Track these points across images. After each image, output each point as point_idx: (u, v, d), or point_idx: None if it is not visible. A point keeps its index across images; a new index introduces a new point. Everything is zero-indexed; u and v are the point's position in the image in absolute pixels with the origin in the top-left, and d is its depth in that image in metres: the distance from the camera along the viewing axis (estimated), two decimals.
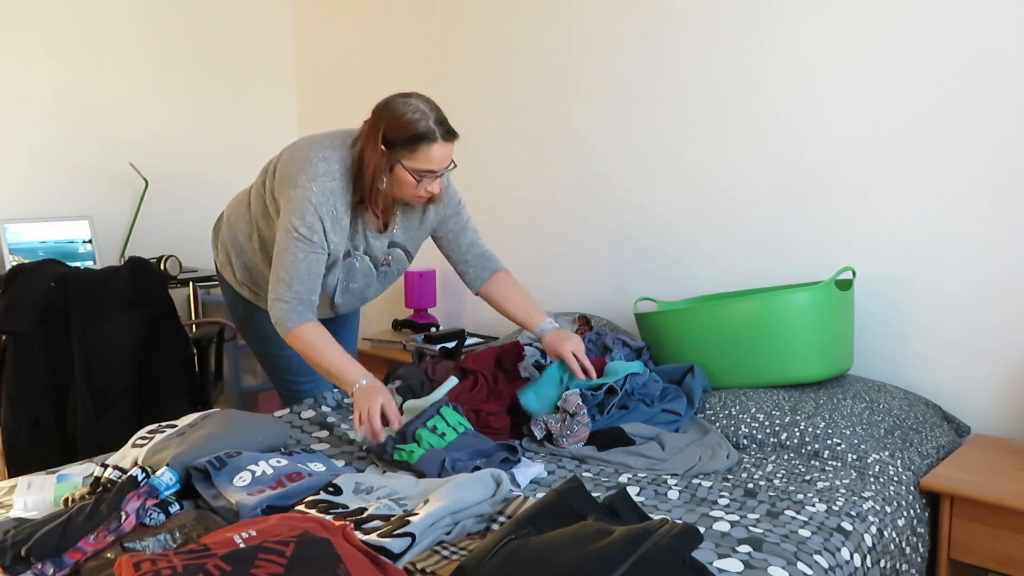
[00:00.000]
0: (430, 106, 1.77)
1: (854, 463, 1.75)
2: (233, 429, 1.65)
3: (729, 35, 2.42)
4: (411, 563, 1.22)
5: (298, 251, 1.79)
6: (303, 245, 1.79)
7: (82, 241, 3.04)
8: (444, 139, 1.76)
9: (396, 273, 2.08)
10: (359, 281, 1.98)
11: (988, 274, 2.03)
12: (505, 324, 3.14)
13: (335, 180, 1.80)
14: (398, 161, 1.75)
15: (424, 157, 1.74)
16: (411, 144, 1.73)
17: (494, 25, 3.04)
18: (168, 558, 1.02)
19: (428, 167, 1.76)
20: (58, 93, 3.10)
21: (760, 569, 1.25)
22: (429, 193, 1.82)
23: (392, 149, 1.75)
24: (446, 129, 1.77)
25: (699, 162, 2.54)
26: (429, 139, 1.73)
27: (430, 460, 1.63)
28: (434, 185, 1.81)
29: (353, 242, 1.90)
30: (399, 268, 2.06)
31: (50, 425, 2.25)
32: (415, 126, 1.73)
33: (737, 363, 2.06)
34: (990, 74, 1.98)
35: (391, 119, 1.75)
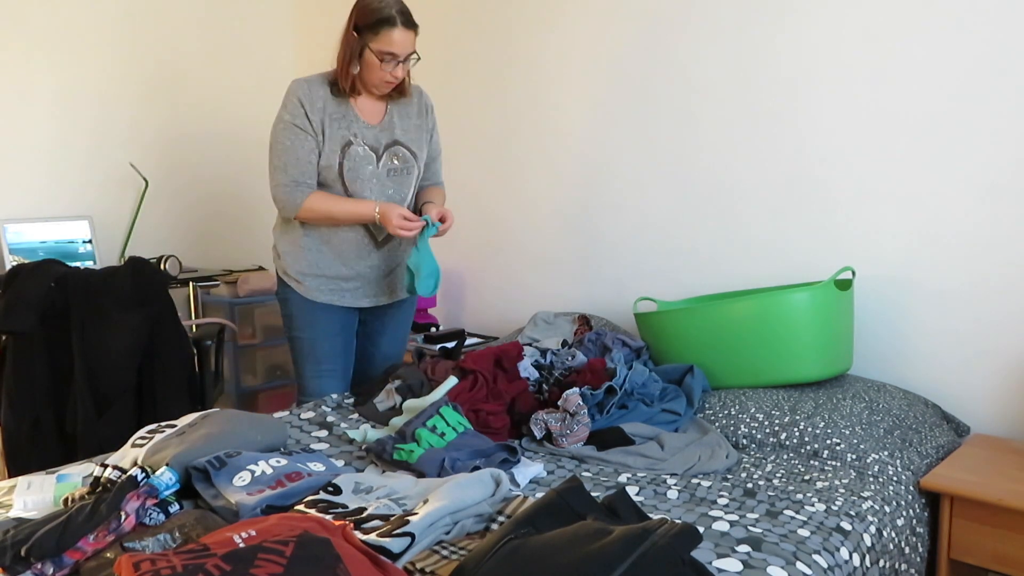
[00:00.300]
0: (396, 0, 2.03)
1: (853, 463, 1.75)
2: (233, 429, 1.65)
3: (730, 37, 2.42)
4: (411, 563, 1.22)
5: (285, 138, 2.08)
6: (289, 132, 2.07)
7: (82, 241, 3.04)
8: (404, 25, 2.01)
9: (404, 172, 2.21)
10: (366, 171, 2.14)
11: (987, 274, 2.03)
12: (505, 324, 3.15)
13: (320, 77, 2.12)
14: (365, 45, 2.02)
15: (386, 40, 2.00)
16: (375, 27, 2.00)
17: (492, 25, 3.04)
18: (168, 558, 1.02)
19: (390, 49, 2.02)
20: (58, 93, 3.10)
21: (759, 569, 1.25)
22: (394, 77, 2.07)
23: (361, 35, 2.03)
24: (406, 17, 2.02)
25: (699, 162, 2.54)
26: (391, 23, 1.99)
27: (429, 460, 1.63)
28: (398, 70, 2.06)
29: (350, 130, 2.12)
30: (407, 167, 2.21)
31: (50, 425, 2.25)
32: (379, 12, 2.00)
33: (737, 363, 2.06)
34: (990, 75, 1.98)
35: (361, 8, 2.03)
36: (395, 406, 2.08)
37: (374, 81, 2.08)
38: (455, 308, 3.36)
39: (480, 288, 3.24)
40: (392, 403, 2.09)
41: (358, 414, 2.09)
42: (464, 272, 3.30)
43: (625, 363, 2.08)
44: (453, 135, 3.25)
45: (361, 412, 2.09)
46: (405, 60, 2.06)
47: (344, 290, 2.23)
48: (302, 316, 2.23)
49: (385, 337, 2.39)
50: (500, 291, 3.18)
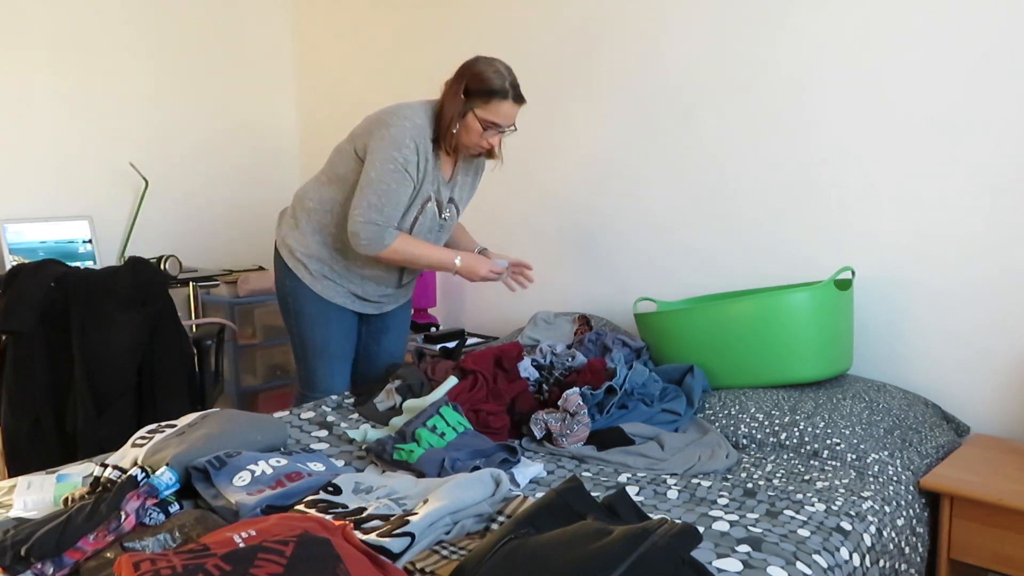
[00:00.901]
0: (508, 71, 2.06)
1: (853, 463, 1.75)
2: (233, 429, 1.65)
3: (730, 37, 2.42)
4: (410, 563, 1.22)
5: (392, 180, 2.02)
6: (398, 176, 2.03)
7: (82, 241, 3.04)
8: (515, 100, 2.05)
9: (449, 227, 2.29)
10: (427, 225, 2.18)
11: (987, 274, 2.03)
12: (505, 324, 3.15)
13: (422, 119, 2.07)
14: (471, 109, 2.04)
15: (495, 110, 2.04)
16: (486, 96, 2.02)
17: (496, 23, 3.04)
18: (168, 558, 1.02)
19: (495, 120, 2.05)
20: (58, 93, 3.10)
21: (759, 569, 1.25)
22: (490, 145, 2.11)
23: (469, 98, 2.03)
24: (517, 92, 2.06)
25: (699, 162, 2.54)
26: (502, 95, 2.02)
27: (429, 460, 1.63)
28: (495, 139, 2.10)
29: (433, 185, 2.14)
30: (451, 222, 2.29)
31: (50, 425, 2.25)
32: (493, 82, 2.02)
33: (736, 363, 2.06)
34: (990, 75, 1.98)
35: (475, 73, 2.03)
36: (395, 406, 2.08)
37: (468, 144, 2.10)
38: (455, 308, 3.36)
39: (480, 288, 3.24)
40: (392, 403, 2.09)
41: (358, 414, 2.09)
42: None
43: (625, 363, 2.08)
44: None
45: (361, 412, 2.09)
46: (504, 131, 2.10)
47: (355, 300, 2.27)
48: (316, 314, 2.23)
49: (389, 336, 2.42)
50: (500, 291, 3.18)
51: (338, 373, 2.30)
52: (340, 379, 2.31)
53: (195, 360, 2.58)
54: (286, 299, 2.28)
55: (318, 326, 2.24)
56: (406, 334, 2.51)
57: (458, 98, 2.03)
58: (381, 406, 2.09)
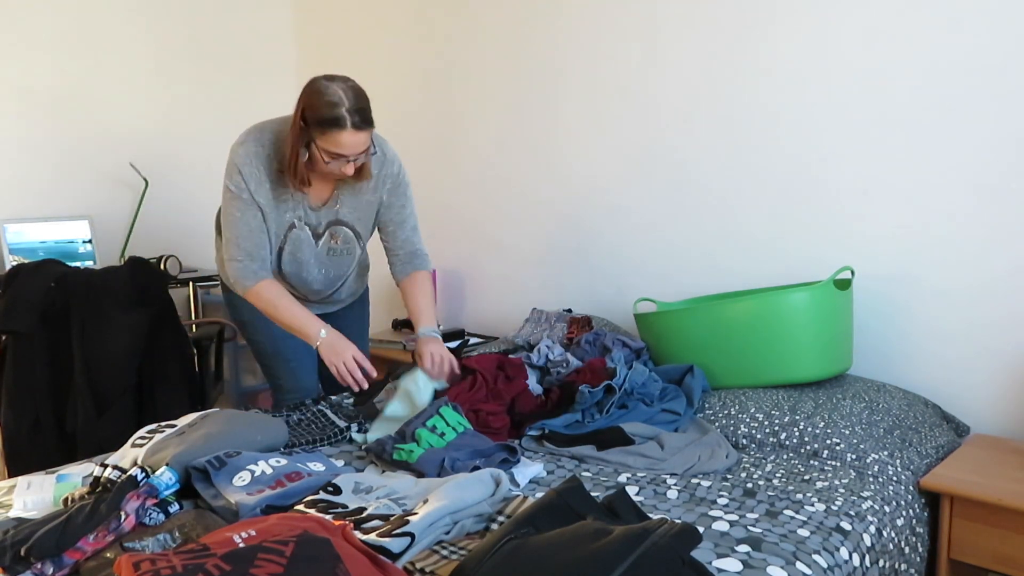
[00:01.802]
0: (351, 93, 1.80)
1: (853, 463, 1.75)
2: (232, 429, 1.65)
3: (728, 37, 2.42)
4: (410, 563, 1.22)
5: (235, 209, 1.93)
6: (237, 203, 1.92)
7: (82, 241, 3.04)
8: (355, 127, 1.79)
9: (346, 253, 2.11)
10: (305, 253, 2.04)
11: (987, 273, 2.03)
12: (505, 324, 3.15)
13: (261, 147, 1.91)
14: (312, 140, 1.82)
15: (334, 141, 1.79)
16: (323, 127, 1.78)
17: (495, 26, 3.04)
18: (168, 558, 1.02)
19: (337, 151, 1.81)
20: (58, 92, 3.10)
21: (759, 569, 1.25)
22: (342, 174, 1.88)
23: (309, 127, 1.81)
24: (361, 118, 1.80)
25: (698, 162, 2.54)
26: (339, 125, 1.77)
27: (429, 460, 1.63)
28: (347, 167, 1.85)
29: (295, 212, 1.98)
30: (348, 248, 2.10)
31: (50, 425, 2.25)
32: (328, 111, 1.77)
33: (736, 363, 2.06)
34: (990, 74, 1.98)
35: (310, 99, 1.80)
36: None
37: (322, 172, 1.90)
38: (455, 308, 3.36)
39: (480, 288, 3.24)
40: None
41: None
42: (464, 272, 3.30)
43: (625, 363, 2.08)
44: (453, 136, 3.25)
45: (361, 412, 2.09)
46: (356, 159, 1.86)
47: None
48: (256, 319, 2.12)
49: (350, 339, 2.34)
50: (500, 291, 3.18)
51: (300, 372, 2.20)
52: (305, 377, 2.21)
53: (195, 360, 2.59)
54: (232, 313, 2.22)
55: (260, 330, 2.15)
56: (366, 332, 2.42)
57: (297, 126, 1.82)
58: (381, 406, 2.09)
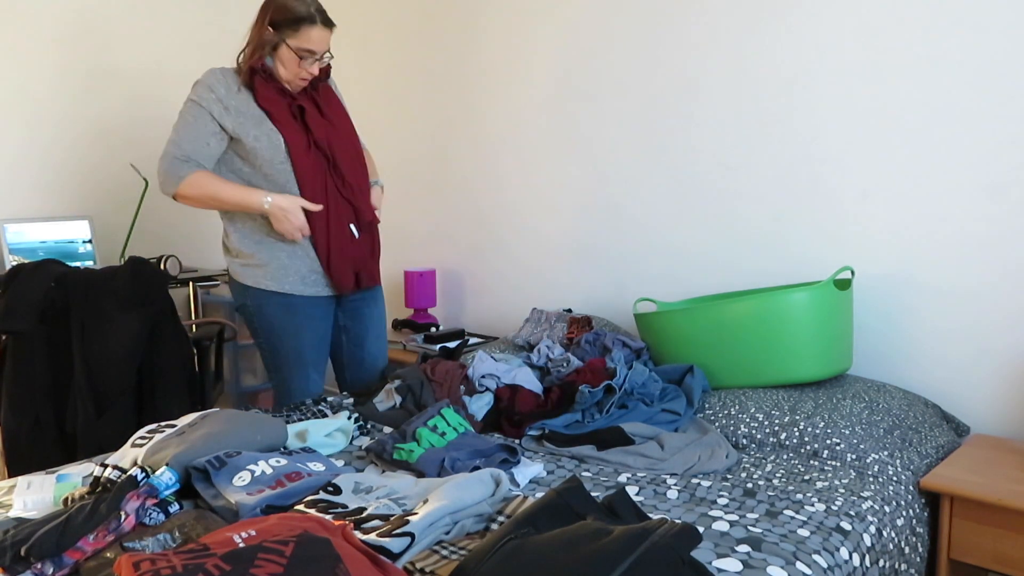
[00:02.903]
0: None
1: (853, 463, 1.75)
2: (232, 429, 1.65)
3: (729, 36, 2.42)
4: (410, 563, 1.22)
5: (188, 114, 2.07)
6: (193, 108, 2.06)
7: (82, 241, 3.04)
8: (323, 24, 2.04)
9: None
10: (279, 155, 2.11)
11: (987, 273, 2.03)
12: (505, 324, 3.15)
13: (227, 71, 2.10)
14: (283, 40, 2.03)
15: (305, 37, 2.02)
16: (295, 25, 2.01)
17: (497, 25, 3.04)
18: (168, 558, 1.02)
19: (308, 47, 2.03)
20: (58, 93, 3.10)
21: (759, 569, 1.25)
22: (310, 74, 2.08)
23: (278, 30, 2.03)
24: (325, 16, 2.05)
25: (698, 162, 2.54)
26: (310, 21, 2.01)
27: (429, 460, 1.63)
28: (314, 67, 2.07)
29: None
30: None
31: (50, 425, 2.25)
32: (299, 9, 2.01)
33: (736, 363, 2.06)
34: (991, 75, 1.98)
35: (278, 5, 2.03)
36: (395, 406, 2.08)
37: (288, 78, 2.08)
38: (455, 308, 3.36)
39: (480, 288, 3.24)
40: (392, 403, 2.09)
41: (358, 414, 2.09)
42: (464, 272, 3.30)
43: (625, 363, 2.08)
44: (453, 135, 3.25)
45: (361, 412, 2.09)
46: (321, 58, 2.08)
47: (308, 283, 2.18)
48: (285, 324, 2.17)
49: (370, 339, 2.37)
50: (500, 291, 3.18)
51: (313, 380, 2.24)
52: (315, 386, 2.25)
53: (195, 360, 2.58)
54: (252, 320, 2.22)
55: (288, 336, 2.18)
56: (385, 335, 2.45)
57: (265, 31, 2.03)
58: (381, 406, 2.09)
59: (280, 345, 2.20)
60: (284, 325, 2.18)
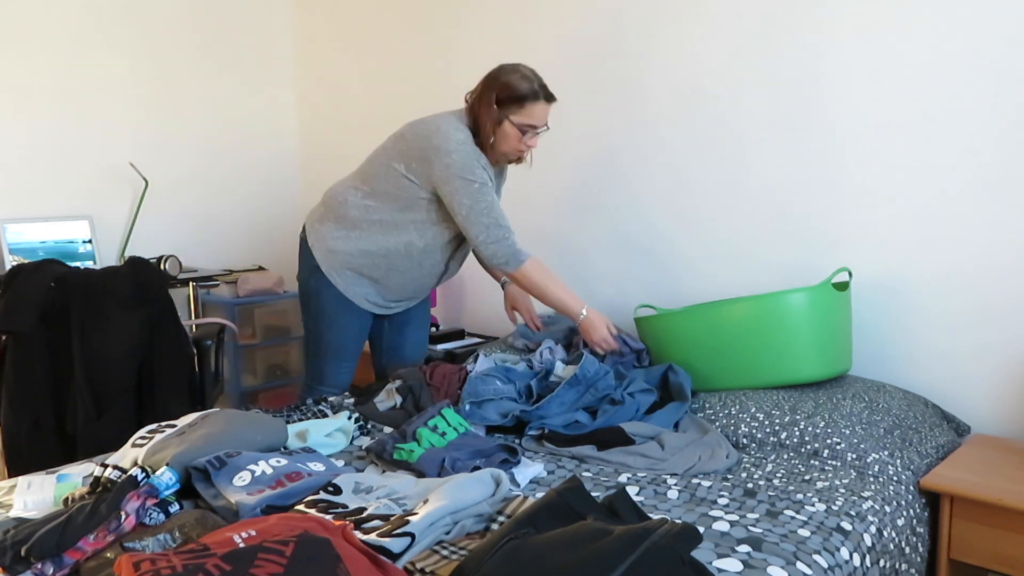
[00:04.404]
0: (534, 73, 2.12)
1: (853, 463, 1.75)
2: (232, 429, 1.65)
3: (728, 37, 2.42)
4: (411, 563, 1.22)
5: (486, 196, 2.08)
6: (486, 189, 2.08)
7: (82, 241, 3.04)
8: (547, 99, 2.12)
9: None
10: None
11: (987, 273, 2.03)
12: (505, 324, 3.14)
13: (470, 139, 2.10)
14: (506, 117, 2.09)
15: (529, 113, 2.09)
16: (520, 102, 2.08)
17: (495, 25, 3.04)
18: (168, 558, 1.02)
19: (531, 122, 2.11)
20: (58, 93, 3.10)
21: (759, 569, 1.25)
22: (528, 147, 2.16)
23: (502, 107, 2.08)
24: (548, 92, 2.12)
25: (698, 163, 2.54)
26: (534, 98, 2.08)
27: (430, 460, 1.63)
28: (533, 140, 2.15)
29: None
30: None
31: (50, 425, 2.25)
32: (524, 87, 2.08)
33: (735, 365, 2.06)
34: (990, 75, 1.98)
35: (504, 83, 2.08)
36: (395, 406, 2.08)
37: (507, 151, 2.15)
38: (455, 308, 3.36)
39: (480, 288, 3.24)
40: (392, 403, 2.09)
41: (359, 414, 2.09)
42: (464, 272, 3.30)
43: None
44: None
45: (361, 412, 2.09)
46: (540, 132, 2.15)
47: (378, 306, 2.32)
48: (336, 315, 2.27)
49: (411, 327, 2.46)
50: (500, 291, 3.18)
51: (346, 371, 2.36)
52: (347, 376, 2.36)
53: (195, 360, 2.58)
54: (308, 298, 2.30)
55: (336, 327, 2.28)
56: (427, 325, 2.56)
57: (491, 109, 2.08)
58: (381, 406, 2.09)
59: (326, 333, 2.29)
60: (335, 316, 2.27)
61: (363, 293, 2.27)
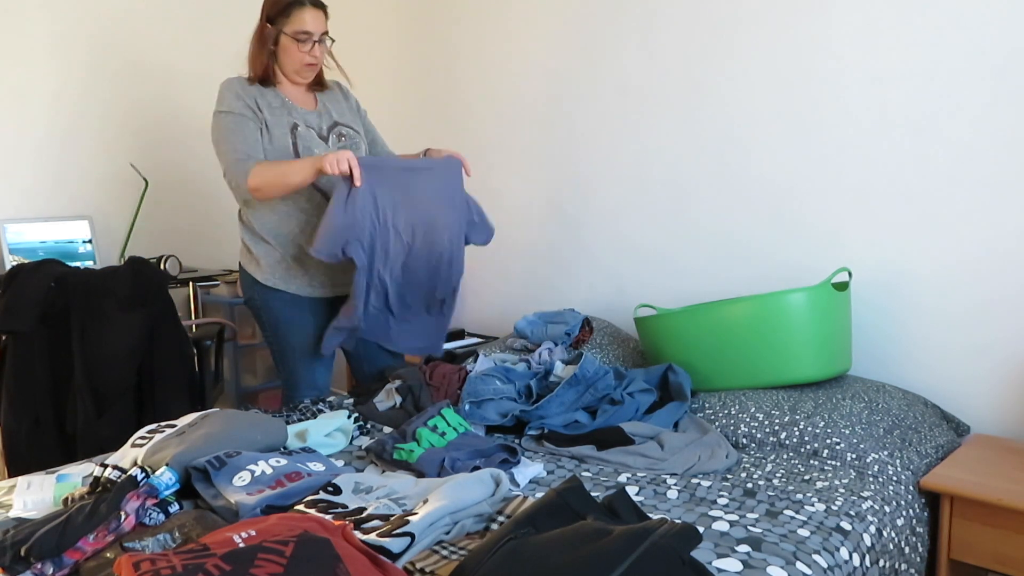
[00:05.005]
0: None
1: (853, 463, 1.75)
2: (232, 429, 1.65)
3: (727, 38, 2.42)
4: (410, 563, 1.22)
5: (228, 124, 2.10)
6: (229, 118, 2.10)
7: (82, 241, 3.04)
8: (313, 5, 2.12)
9: (354, 148, 2.27)
10: (318, 149, 2.18)
11: (987, 273, 2.03)
12: (505, 324, 3.14)
13: (241, 81, 2.17)
14: (280, 31, 2.12)
15: (298, 20, 2.10)
16: (286, 11, 2.10)
17: (494, 26, 3.04)
18: (167, 558, 1.02)
19: (303, 28, 2.11)
20: (58, 93, 3.10)
21: (759, 569, 1.25)
22: (313, 57, 2.15)
23: (274, 23, 2.12)
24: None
25: (698, 164, 2.54)
26: (300, 4, 2.10)
27: (429, 460, 1.63)
28: (315, 49, 2.15)
29: (291, 115, 2.18)
30: (354, 143, 2.29)
31: (50, 425, 2.25)
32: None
33: (736, 364, 2.06)
34: (990, 75, 1.98)
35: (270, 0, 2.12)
36: (395, 406, 2.08)
37: (294, 66, 2.16)
38: (455, 308, 3.35)
39: (480, 288, 3.24)
40: (392, 403, 2.09)
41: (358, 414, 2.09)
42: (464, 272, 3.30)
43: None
44: (453, 135, 3.25)
45: (361, 412, 2.09)
46: (320, 40, 2.15)
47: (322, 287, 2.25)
48: (292, 318, 2.22)
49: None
50: (500, 291, 3.18)
51: (321, 371, 2.30)
52: (322, 375, 2.31)
53: (195, 360, 2.58)
54: (259, 314, 2.27)
55: (293, 329, 2.23)
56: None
57: (265, 30, 2.13)
58: (381, 406, 2.09)
59: (287, 338, 2.25)
60: (291, 319, 2.23)
61: (297, 279, 2.21)
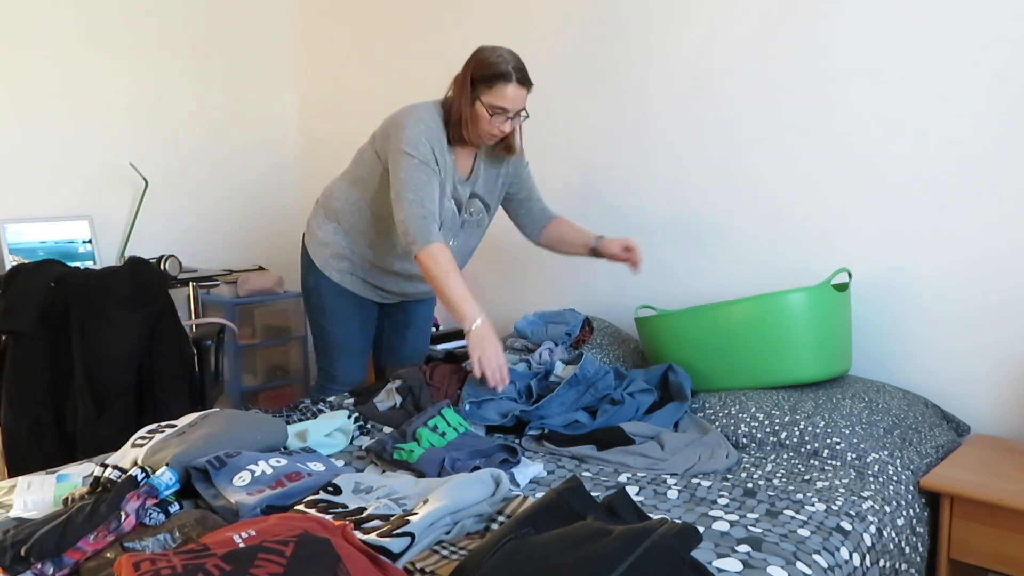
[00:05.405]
0: (512, 55, 2.05)
1: (853, 462, 1.75)
2: (232, 429, 1.65)
3: (728, 38, 2.42)
4: (410, 563, 1.22)
5: (421, 174, 2.01)
6: (425, 169, 2.02)
7: (82, 241, 3.04)
8: (519, 82, 2.02)
9: (475, 225, 2.26)
10: (448, 223, 2.16)
11: (987, 273, 2.03)
12: (505, 324, 3.14)
13: (435, 123, 2.07)
14: (478, 97, 2.03)
15: (499, 94, 2.01)
16: (490, 81, 2.01)
17: (496, 25, 3.04)
18: (168, 558, 1.02)
19: (501, 103, 2.02)
20: (58, 93, 3.10)
21: (759, 569, 1.25)
22: (501, 132, 2.07)
23: (475, 87, 2.03)
24: (522, 75, 2.03)
25: (698, 164, 2.54)
26: (505, 78, 2.00)
27: (429, 460, 1.63)
28: (505, 125, 2.06)
29: (449, 183, 2.12)
30: (478, 220, 2.26)
31: (50, 425, 2.25)
32: (496, 67, 2.00)
33: (736, 364, 2.06)
34: (990, 76, 1.98)
35: (478, 61, 2.03)
36: (395, 406, 2.08)
37: (480, 134, 2.08)
38: None
39: (480, 288, 3.24)
40: (392, 403, 2.09)
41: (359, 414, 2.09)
42: (464, 272, 3.29)
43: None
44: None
45: (361, 412, 2.09)
46: (514, 116, 2.07)
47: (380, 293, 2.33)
48: (338, 310, 2.29)
49: (412, 329, 2.47)
50: (500, 291, 3.18)
51: (357, 366, 2.37)
52: (359, 372, 2.38)
53: (195, 360, 2.58)
54: (310, 295, 2.33)
55: (340, 322, 2.30)
56: (429, 327, 2.56)
57: (465, 88, 2.04)
58: (381, 406, 2.09)
59: (331, 329, 2.31)
60: (338, 311, 2.29)
61: (357, 281, 2.27)
